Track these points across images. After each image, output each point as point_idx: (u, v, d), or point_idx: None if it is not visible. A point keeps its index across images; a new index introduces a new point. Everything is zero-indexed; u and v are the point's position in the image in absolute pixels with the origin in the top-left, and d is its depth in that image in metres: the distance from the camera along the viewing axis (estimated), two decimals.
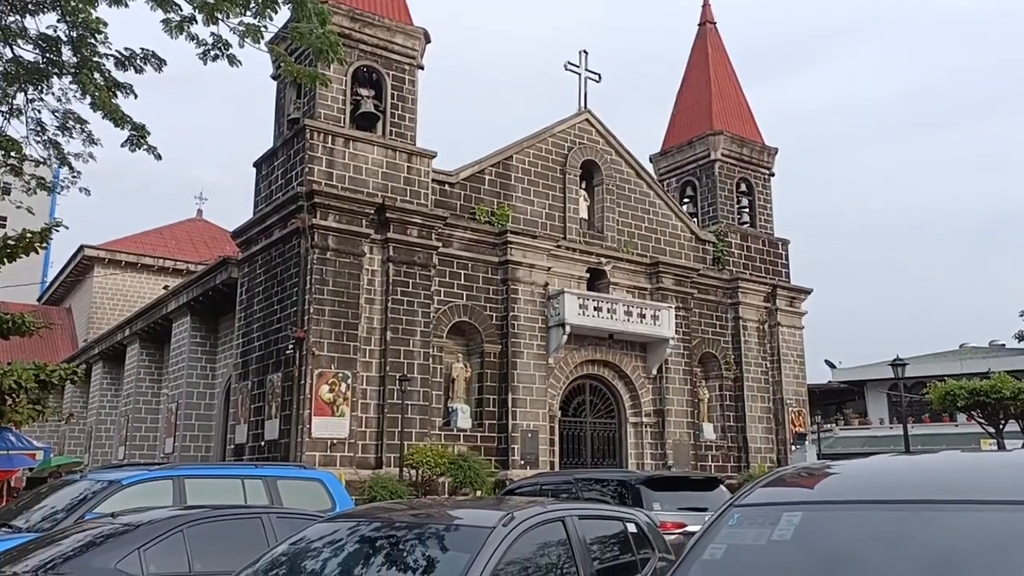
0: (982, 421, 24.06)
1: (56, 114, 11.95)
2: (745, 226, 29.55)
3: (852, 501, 2.40)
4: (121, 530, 5.49)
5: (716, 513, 2.51)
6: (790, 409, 27.97)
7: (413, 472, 19.07)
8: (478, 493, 18.78)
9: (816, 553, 2.25)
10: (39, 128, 12.12)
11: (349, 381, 19.35)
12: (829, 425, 33.86)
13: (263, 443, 20.00)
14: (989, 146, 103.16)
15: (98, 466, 25.23)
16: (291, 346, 19.25)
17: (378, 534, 4.41)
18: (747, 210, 29.97)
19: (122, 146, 10.75)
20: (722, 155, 29.06)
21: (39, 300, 47.74)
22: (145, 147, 10.91)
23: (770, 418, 27.72)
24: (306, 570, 4.32)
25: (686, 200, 30.02)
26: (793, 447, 27.31)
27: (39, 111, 11.96)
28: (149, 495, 7.61)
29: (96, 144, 12.32)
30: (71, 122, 11.97)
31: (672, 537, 7.54)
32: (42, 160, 13.17)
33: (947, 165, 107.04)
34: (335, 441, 18.91)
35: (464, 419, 21.43)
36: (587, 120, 25.81)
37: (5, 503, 15.59)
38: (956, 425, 30.09)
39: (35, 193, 13.52)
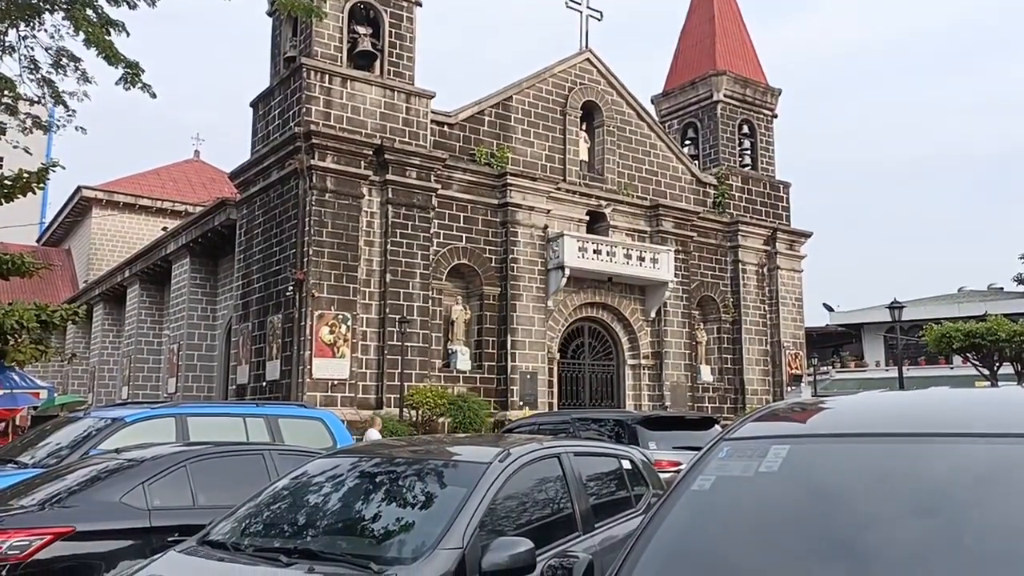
0: (977, 363, 24.24)
1: (49, 51, 11.80)
2: (746, 169, 29.36)
3: (840, 434, 2.44)
4: (126, 465, 5.58)
5: (706, 446, 2.56)
6: (787, 352, 28.20)
7: (413, 412, 19.32)
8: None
9: (803, 484, 2.30)
10: (32, 66, 11.99)
11: (349, 323, 19.46)
12: (825, 368, 34.14)
13: (264, 383, 20.21)
14: (991, 87, 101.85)
15: (101, 405, 25.52)
16: (291, 288, 19.31)
17: (377, 469, 4.49)
18: (749, 152, 29.75)
19: (116, 84, 10.65)
20: (725, 96, 28.71)
21: (38, 241, 47.65)
22: (140, 85, 10.82)
23: (767, 360, 27.96)
24: (307, 503, 4.41)
25: (687, 142, 29.76)
26: (789, 389, 27.61)
27: (32, 48, 11.81)
28: (152, 432, 7.70)
29: (90, 82, 12.22)
30: (64, 60, 11.83)
31: (667, 475, 7.67)
32: (37, 99, 13.05)
33: (947, 107, 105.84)
34: (336, 382, 19.11)
35: (463, 361, 21.62)
36: (588, 60, 25.43)
37: (10, 441, 15.81)
38: (951, 368, 30.31)
39: (31, 132, 13.44)
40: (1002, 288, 42.90)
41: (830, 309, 43.41)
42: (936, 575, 1.90)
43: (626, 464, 5.55)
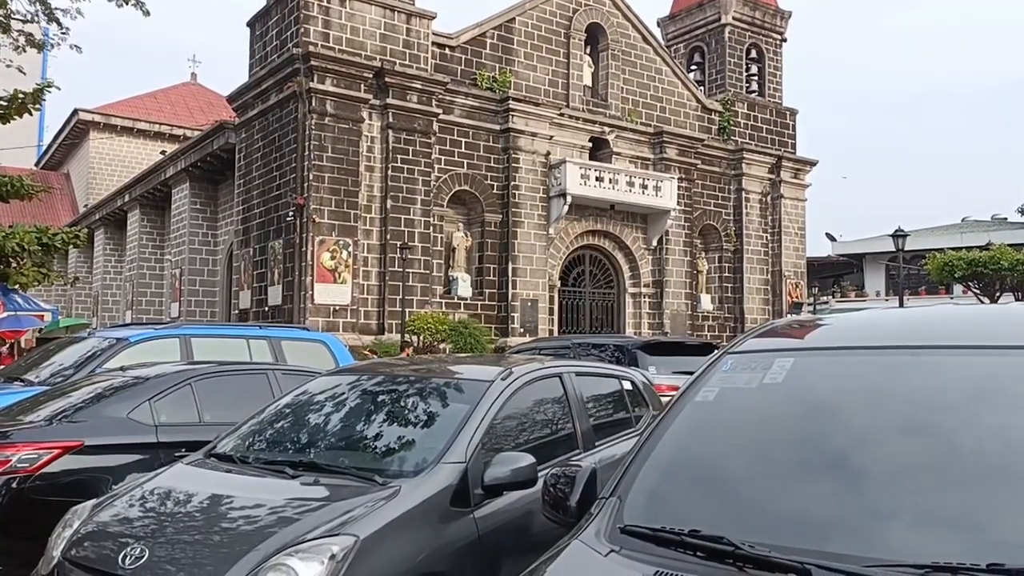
0: (977, 292, 24.28)
1: None
2: (753, 95, 28.86)
3: (844, 347, 2.44)
4: (131, 382, 5.62)
5: (710, 360, 2.56)
6: (788, 281, 28.24)
7: (414, 338, 19.46)
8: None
9: (808, 396, 2.30)
10: None
11: (350, 249, 19.44)
12: (825, 297, 34.27)
13: (267, 308, 20.30)
14: (999, 9, 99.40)
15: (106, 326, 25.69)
16: (291, 213, 19.22)
17: (380, 387, 4.52)
18: (756, 78, 29.20)
19: (109, 0, 10.38)
20: (733, 19, 28.03)
21: (36, 165, 47.24)
22: (133, 2, 10.55)
23: (767, 290, 28.02)
24: (312, 420, 4.46)
25: (693, 67, 29.19)
26: (789, 316, 27.75)
27: None
28: (157, 352, 7.72)
29: None
30: None
31: (667, 399, 7.73)
32: (29, 16, 12.76)
33: (954, 34, 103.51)
34: (337, 307, 19.19)
35: (464, 288, 21.67)
36: None
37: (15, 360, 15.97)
38: (952, 297, 30.42)
39: (24, 51, 13.19)
40: (1006, 219, 42.73)
41: (832, 239, 43.35)
42: (941, 479, 1.93)
43: (627, 385, 5.58)
